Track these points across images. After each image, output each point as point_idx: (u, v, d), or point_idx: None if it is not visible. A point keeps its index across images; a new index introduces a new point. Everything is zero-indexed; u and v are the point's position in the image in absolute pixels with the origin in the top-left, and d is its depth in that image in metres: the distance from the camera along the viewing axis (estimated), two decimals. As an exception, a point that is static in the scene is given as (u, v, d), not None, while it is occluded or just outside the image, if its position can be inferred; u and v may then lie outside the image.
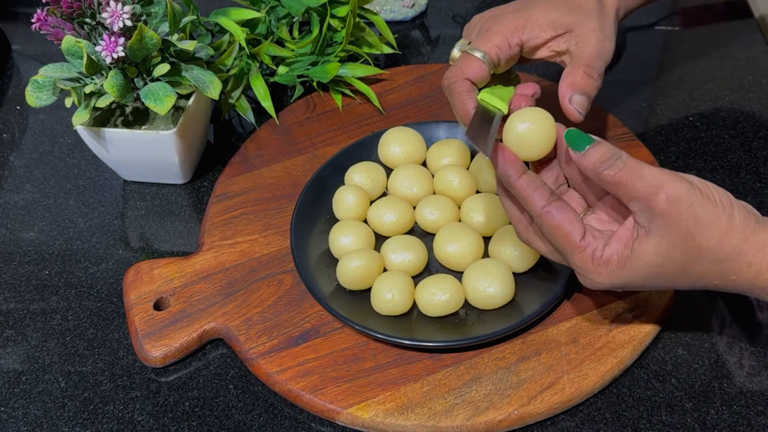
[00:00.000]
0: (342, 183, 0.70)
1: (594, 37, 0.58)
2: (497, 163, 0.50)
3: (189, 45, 0.68)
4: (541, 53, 0.60)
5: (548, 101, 0.57)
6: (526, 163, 0.52)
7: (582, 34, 0.58)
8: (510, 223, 0.60)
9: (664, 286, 0.50)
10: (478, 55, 0.56)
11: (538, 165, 0.55)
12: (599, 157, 0.48)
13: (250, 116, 0.78)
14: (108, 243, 0.70)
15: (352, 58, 0.83)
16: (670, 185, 0.47)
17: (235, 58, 0.77)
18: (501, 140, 0.51)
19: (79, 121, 0.67)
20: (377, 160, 0.72)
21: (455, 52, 0.58)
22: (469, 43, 0.59)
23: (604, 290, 0.52)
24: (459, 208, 0.67)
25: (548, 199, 0.50)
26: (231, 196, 0.71)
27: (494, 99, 0.52)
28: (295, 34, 0.83)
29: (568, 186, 0.55)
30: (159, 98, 0.65)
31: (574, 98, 0.54)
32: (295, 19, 0.82)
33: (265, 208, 0.70)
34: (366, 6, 0.82)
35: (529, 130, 0.51)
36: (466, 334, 0.59)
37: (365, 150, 0.72)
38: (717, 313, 0.61)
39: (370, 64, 0.80)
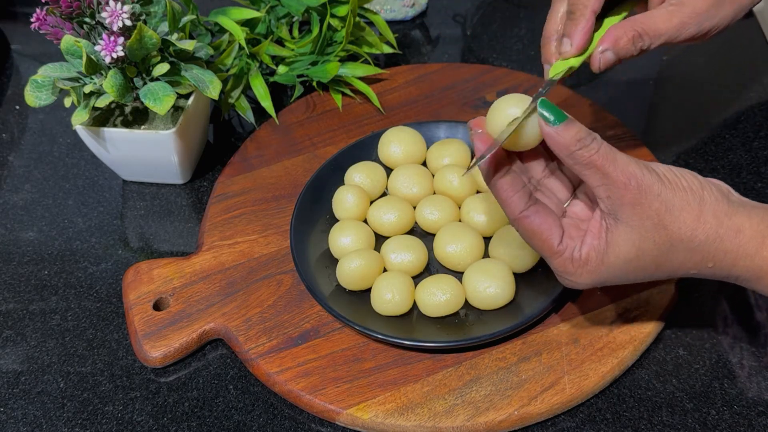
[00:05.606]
0: (342, 183, 0.70)
1: (683, 15, 0.53)
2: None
3: (188, 45, 0.68)
4: None
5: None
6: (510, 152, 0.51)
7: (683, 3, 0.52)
8: (510, 224, 0.59)
9: (643, 279, 0.50)
10: None
11: (525, 155, 0.52)
12: (575, 135, 0.45)
13: (249, 116, 0.78)
14: (107, 243, 0.70)
15: (352, 57, 0.82)
16: (641, 176, 0.46)
17: (234, 58, 0.77)
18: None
19: (79, 120, 0.67)
20: (377, 160, 0.72)
21: None
22: None
23: (586, 288, 0.51)
24: (459, 208, 0.66)
25: (527, 203, 0.48)
26: (231, 196, 0.71)
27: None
28: (295, 33, 0.83)
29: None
30: (158, 98, 0.65)
31: (607, 53, 0.51)
32: (295, 19, 0.82)
33: (265, 208, 0.70)
34: (366, 5, 0.82)
35: (518, 120, 0.47)
36: (467, 334, 0.59)
37: (365, 150, 0.72)
38: (718, 314, 0.61)
39: (370, 63, 0.80)
